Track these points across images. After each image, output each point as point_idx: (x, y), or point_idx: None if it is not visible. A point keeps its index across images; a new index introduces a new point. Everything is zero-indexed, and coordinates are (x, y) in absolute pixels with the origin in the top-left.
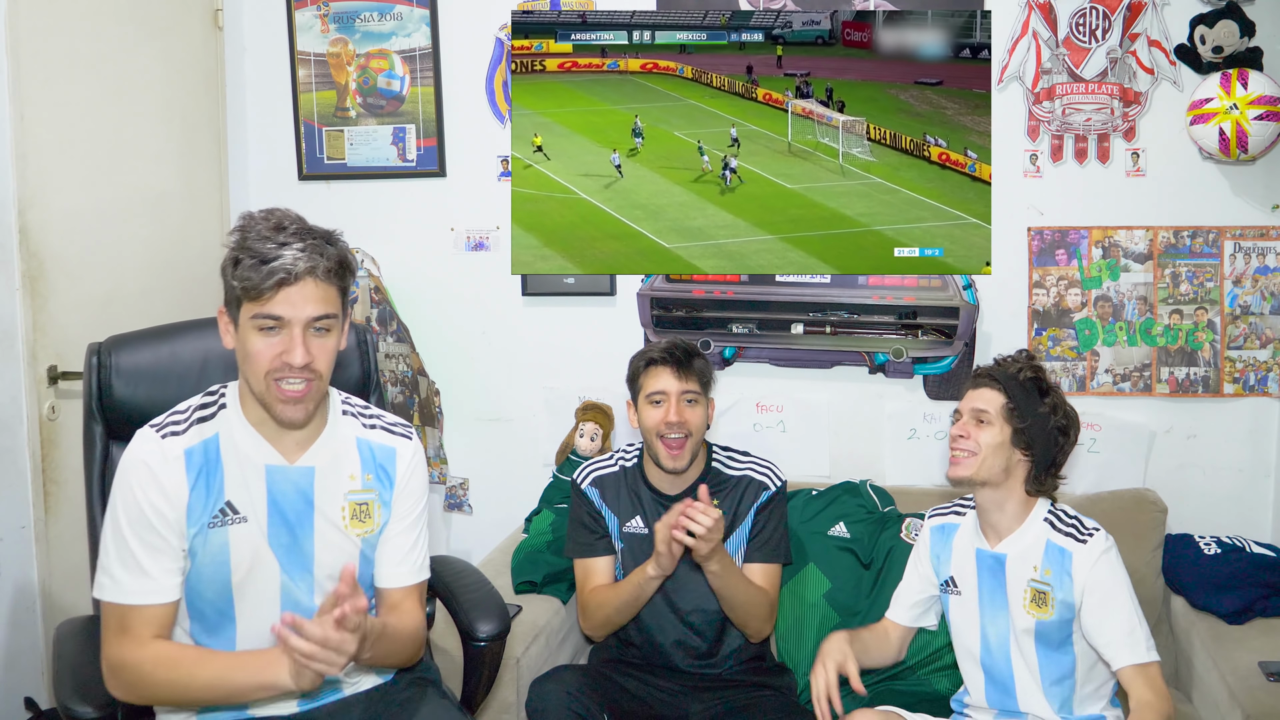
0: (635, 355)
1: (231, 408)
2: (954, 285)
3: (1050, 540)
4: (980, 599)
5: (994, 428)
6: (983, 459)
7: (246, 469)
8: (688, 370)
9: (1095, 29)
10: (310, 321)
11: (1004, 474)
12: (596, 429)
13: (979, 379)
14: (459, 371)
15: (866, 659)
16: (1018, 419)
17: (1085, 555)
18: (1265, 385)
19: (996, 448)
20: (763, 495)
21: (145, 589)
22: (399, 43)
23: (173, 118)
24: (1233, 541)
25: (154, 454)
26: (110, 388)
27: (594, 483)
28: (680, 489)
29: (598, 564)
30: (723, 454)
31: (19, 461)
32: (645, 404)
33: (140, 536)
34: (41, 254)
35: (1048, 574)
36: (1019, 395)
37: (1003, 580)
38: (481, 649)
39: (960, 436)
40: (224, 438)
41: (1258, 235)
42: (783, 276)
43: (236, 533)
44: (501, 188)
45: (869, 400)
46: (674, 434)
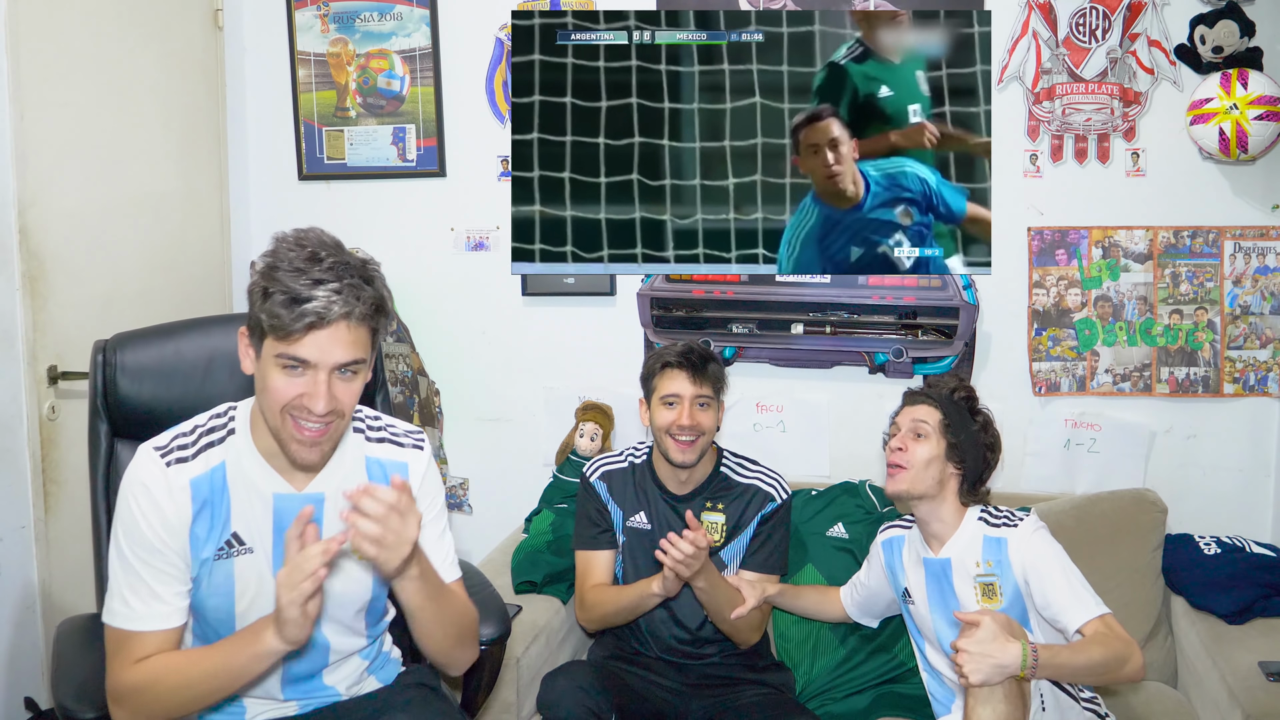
0: (651, 355)
1: (241, 433)
2: (954, 285)
3: (986, 535)
4: (932, 605)
5: (930, 441)
6: (916, 473)
7: (253, 498)
8: (702, 375)
9: (1095, 29)
10: (337, 366)
11: (938, 486)
12: (596, 429)
13: (915, 396)
14: (459, 371)
15: (799, 601)
16: (951, 434)
17: (1018, 537)
18: (1265, 385)
19: (930, 461)
20: (768, 506)
21: (156, 613)
22: (399, 43)
23: (173, 118)
24: (1233, 541)
25: (158, 482)
26: (116, 385)
27: (602, 476)
28: (688, 489)
29: (599, 557)
30: (732, 459)
31: (19, 461)
32: (659, 405)
33: (147, 561)
34: (41, 254)
35: (989, 565)
36: (953, 413)
37: (950, 583)
38: (482, 652)
39: (898, 450)
40: (231, 465)
41: (1258, 235)
42: (783, 276)
43: (242, 564)
44: (501, 188)
45: (869, 400)
46: (685, 435)
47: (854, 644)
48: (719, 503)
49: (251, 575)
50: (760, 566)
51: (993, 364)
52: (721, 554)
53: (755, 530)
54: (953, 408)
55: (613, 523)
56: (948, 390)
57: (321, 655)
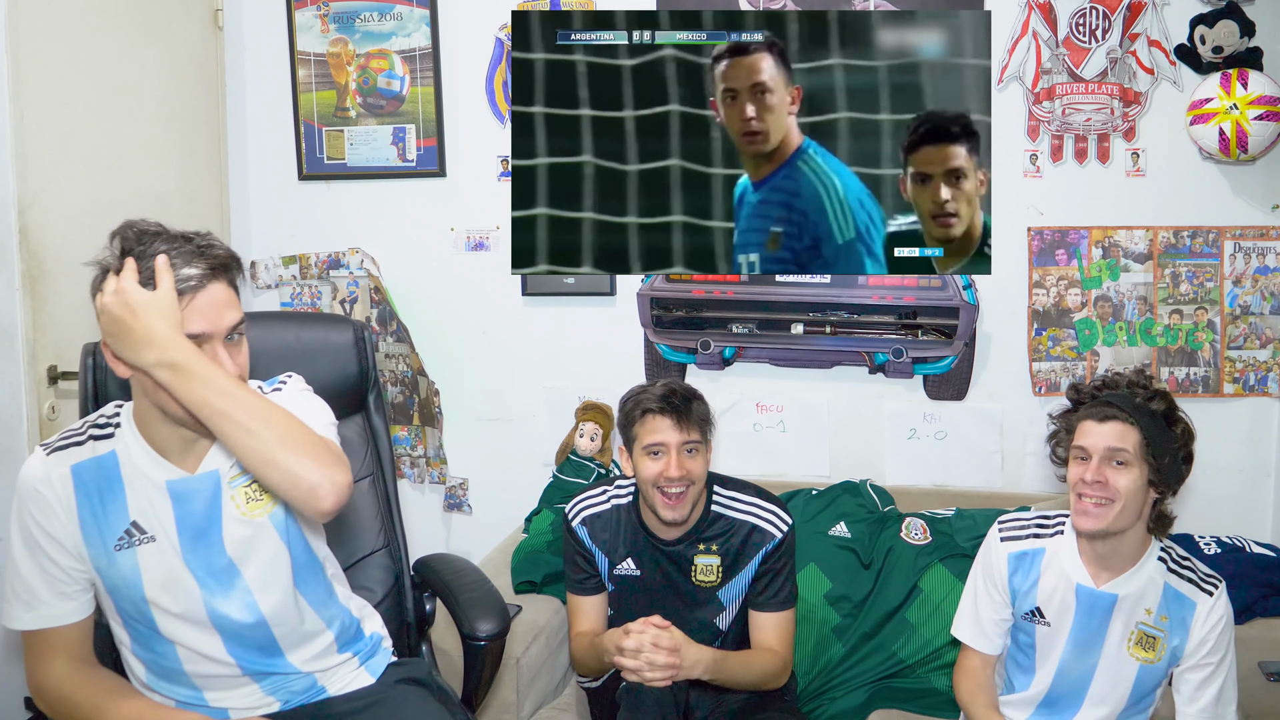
0: (628, 400)
1: (127, 427)
2: (954, 285)
3: (1168, 584)
4: (1073, 635)
5: (1134, 470)
6: (1121, 507)
7: (148, 487)
8: (688, 419)
9: (1095, 29)
10: (229, 330)
11: (1137, 517)
12: (596, 429)
13: (1107, 410)
14: (459, 371)
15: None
16: (1155, 458)
17: (1209, 609)
18: (1265, 385)
19: (1135, 493)
20: (769, 544)
21: (40, 616)
22: (399, 43)
23: (173, 118)
24: (1233, 541)
25: (38, 473)
26: (107, 387)
27: (584, 521)
28: (678, 534)
29: (585, 603)
30: (724, 494)
31: (19, 462)
32: (642, 455)
33: (34, 560)
34: (41, 254)
35: (1164, 620)
36: (1154, 431)
37: (1107, 621)
38: (481, 648)
39: (1096, 482)
40: (122, 456)
41: (1258, 235)
42: (783, 276)
43: (146, 553)
44: (501, 188)
45: (869, 400)
46: (675, 488)
47: (853, 642)
48: (712, 544)
49: (157, 563)
50: (780, 605)
51: (993, 364)
52: (719, 594)
53: (758, 570)
54: (1152, 423)
55: (598, 568)
56: (1143, 400)
57: (267, 641)
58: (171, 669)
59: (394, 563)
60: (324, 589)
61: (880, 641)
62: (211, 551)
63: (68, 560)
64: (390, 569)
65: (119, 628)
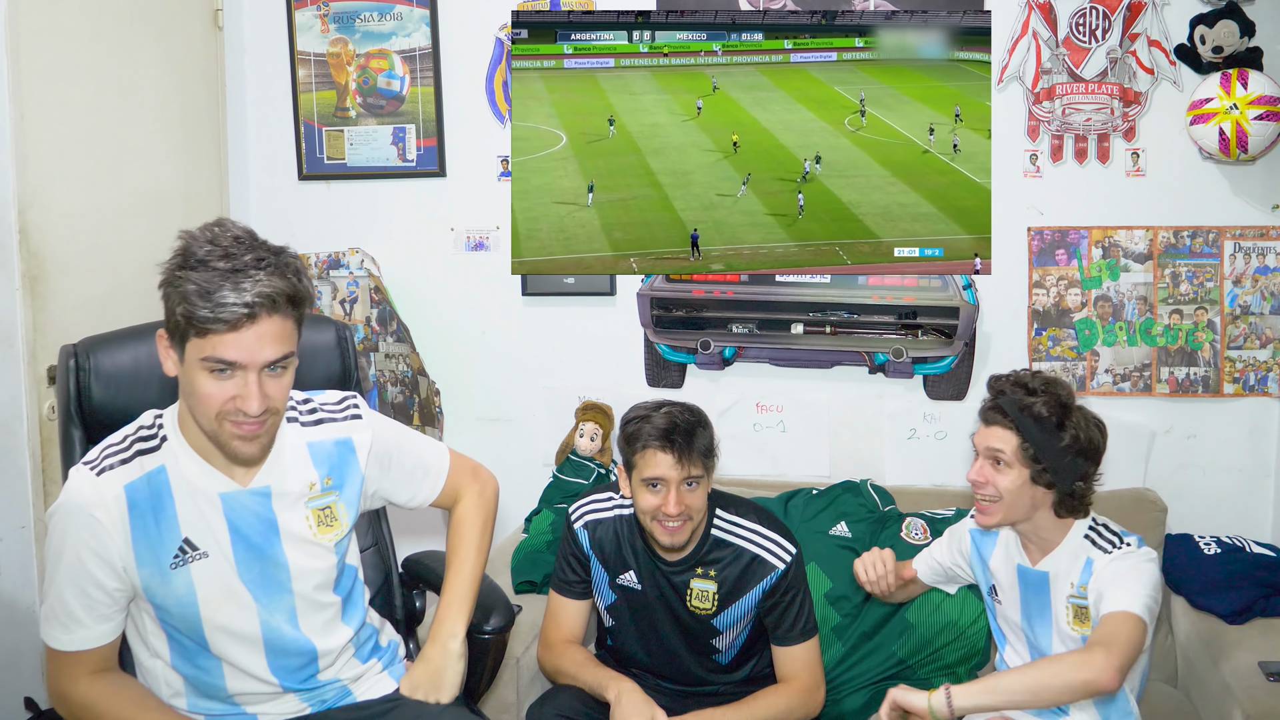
0: (629, 423)
1: (173, 438)
2: (954, 285)
3: (1090, 557)
4: (1025, 611)
5: (1012, 470)
6: (1007, 505)
7: (200, 500)
8: (689, 454)
9: (1095, 29)
10: (266, 364)
11: (1031, 509)
12: (596, 429)
13: (990, 414)
14: (459, 371)
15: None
16: (1034, 460)
17: (1106, 564)
18: (1265, 385)
19: (1018, 490)
20: (770, 577)
21: (77, 639)
22: (399, 43)
23: (173, 118)
24: (1233, 541)
25: (90, 497)
26: (89, 391)
27: (586, 525)
28: (678, 556)
29: (568, 605)
30: (725, 519)
31: (19, 461)
32: (641, 486)
33: (77, 585)
34: (41, 254)
35: (1084, 589)
36: (1035, 434)
37: (1047, 597)
38: (486, 640)
39: (980, 483)
40: (171, 470)
41: (1258, 235)
42: (783, 276)
43: (199, 570)
44: (501, 188)
45: (869, 400)
46: (672, 522)
47: (853, 642)
48: (710, 569)
49: (212, 580)
50: (799, 638)
51: (993, 364)
52: (714, 622)
53: (764, 604)
54: (1034, 427)
55: (591, 574)
56: (1027, 403)
57: (309, 660)
58: (213, 684)
59: (383, 561)
60: (358, 602)
61: (880, 641)
62: (267, 566)
63: (113, 583)
64: (379, 567)
65: (159, 641)
